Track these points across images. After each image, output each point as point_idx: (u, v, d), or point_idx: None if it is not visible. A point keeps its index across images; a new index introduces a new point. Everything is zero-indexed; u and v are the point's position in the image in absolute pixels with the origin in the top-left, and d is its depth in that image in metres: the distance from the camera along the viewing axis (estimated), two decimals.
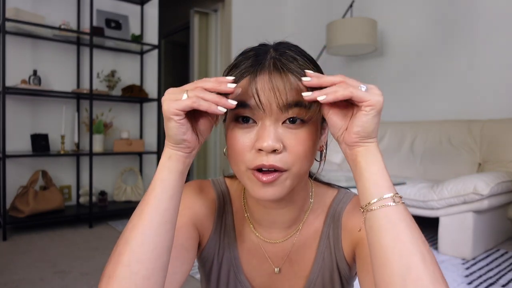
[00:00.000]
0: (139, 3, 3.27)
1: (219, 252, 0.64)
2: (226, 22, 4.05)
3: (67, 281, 1.77)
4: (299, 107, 0.49)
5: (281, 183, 0.51)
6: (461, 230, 2.11)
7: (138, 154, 3.24)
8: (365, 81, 2.15)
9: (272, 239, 0.62)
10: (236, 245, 0.64)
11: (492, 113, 2.78)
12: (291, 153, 0.50)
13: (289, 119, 0.50)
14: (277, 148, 0.48)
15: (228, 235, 0.64)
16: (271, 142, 0.48)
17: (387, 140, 3.20)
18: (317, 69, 0.54)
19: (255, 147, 0.49)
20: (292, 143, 0.50)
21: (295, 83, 0.49)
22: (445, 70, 3.08)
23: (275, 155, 0.49)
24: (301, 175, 0.53)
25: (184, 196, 0.61)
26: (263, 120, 0.50)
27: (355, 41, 3.10)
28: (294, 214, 0.61)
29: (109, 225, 2.81)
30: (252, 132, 0.51)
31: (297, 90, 0.49)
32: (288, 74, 0.50)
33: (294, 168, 0.50)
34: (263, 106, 0.49)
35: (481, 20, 2.87)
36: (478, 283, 1.76)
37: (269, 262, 0.63)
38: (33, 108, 2.83)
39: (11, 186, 2.66)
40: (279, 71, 0.50)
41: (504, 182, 2.16)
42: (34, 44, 2.82)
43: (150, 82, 3.39)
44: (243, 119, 0.51)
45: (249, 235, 0.63)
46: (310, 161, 0.53)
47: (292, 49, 0.54)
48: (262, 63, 0.51)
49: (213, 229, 0.64)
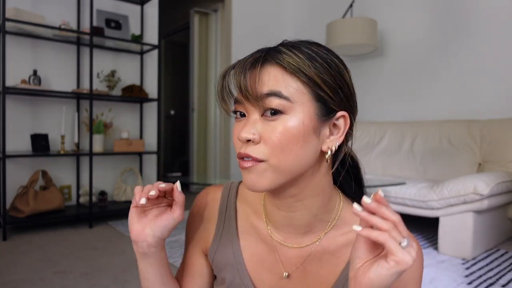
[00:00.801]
0: (139, 3, 3.27)
1: (222, 255, 0.65)
2: (226, 22, 4.05)
3: (67, 281, 1.77)
4: (273, 97, 0.50)
5: (259, 173, 0.52)
6: (461, 230, 2.11)
7: (138, 154, 3.24)
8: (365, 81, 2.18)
9: (288, 242, 0.61)
10: (239, 248, 0.64)
11: (492, 113, 2.78)
12: (267, 144, 0.51)
13: (270, 111, 0.50)
14: (250, 139, 0.51)
15: (230, 238, 0.65)
16: (243, 133, 0.51)
17: (387, 140, 3.20)
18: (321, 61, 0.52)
19: (237, 137, 0.53)
20: (267, 134, 0.51)
21: (273, 72, 0.51)
22: (445, 70, 3.08)
23: (252, 146, 0.51)
24: (283, 171, 0.52)
25: (188, 221, 0.71)
26: (248, 113, 0.53)
27: (355, 41, 3.11)
28: (306, 221, 0.59)
29: (109, 225, 2.81)
30: (242, 123, 0.54)
31: (274, 80, 0.50)
32: (264, 65, 0.52)
33: (272, 160, 0.51)
34: (239, 100, 0.53)
35: (481, 20, 2.87)
36: (478, 283, 1.76)
37: (280, 265, 0.62)
38: (33, 108, 2.83)
39: (11, 186, 2.66)
40: (252, 64, 0.51)
41: (504, 182, 2.16)
42: (34, 44, 2.82)
43: (150, 82, 3.39)
44: (239, 113, 0.55)
45: (264, 236, 0.63)
46: (291, 155, 0.51)
47: (290, 45, 0.54)
48: (245, 60, 0.53)
49: (214, 234, 0.67)
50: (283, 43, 0.55)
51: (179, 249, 2.25)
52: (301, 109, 0.51)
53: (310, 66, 0.51)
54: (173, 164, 5.67)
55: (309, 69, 0.51)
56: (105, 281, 1.78)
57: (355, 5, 3.52)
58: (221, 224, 0.66)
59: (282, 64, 0.51)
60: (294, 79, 0.51)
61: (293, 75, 0.51)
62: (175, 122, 5.65)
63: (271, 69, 0.51)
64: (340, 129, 0.55)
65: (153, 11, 3.40)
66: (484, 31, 2.85)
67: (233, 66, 0.53)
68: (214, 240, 0.66)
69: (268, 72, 0.51)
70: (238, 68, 0.52)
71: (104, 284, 1.75)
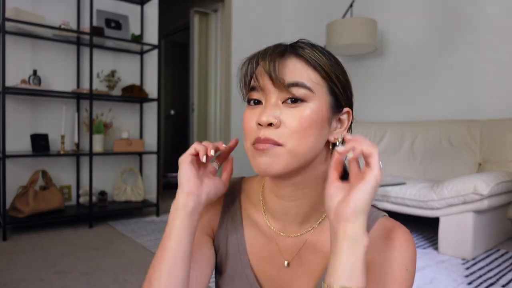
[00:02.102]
0: (139, 3, 3.27)
1: (226, 245, 0.67)
2: (226, 22, 4.05)
3: (67, 281, 1.77)
4: (298, 87, 0.54)
5: (274, 156, 0.54)
6: (461, 230, 2.11)
7: (138, 154, 3.24)
8: (365, 81, 2.18)
9: (286, 232, 0.64)
10: (243, 238, 0.66)
11: (492, 113, 2.78)
12: (287, 128, 0.54)
13: (290, 98, 0.55)
14: (272, 122, 0.53)
15: (234, 229, 0.67)
16: (266, 117, 0.53)
17: (387, 140, 3.20)
18: (333, 61, 0.59)
19: (256, 122, 0.55)
20: (288, 119, 0.54)
21: (298, 65, 0.55)
22: (445, 70, 3.08)
23: (272, 130, 0.54)
24: (298, 155, 0.55)
25: None
26: (266, 99, 0.56)
27: (355, 41, 3.11)
28: (305, 210, 0.62)
29: (109, 225, 2.81)
30: (258, 111, 0.56)
31: (298, 71, 0.55)
32: (289, 57, 0.56)
33: (289, 144, 0.54)
34: (261, 87, 0.56)
35: (481, 20, 2.87)
36: (478, 283, 1.76)
37: (280, 255, 0.64)
38: (33, 108, 2.83)
39: (11, 186, 2.66)
40: (280, 54, 0.56)
41: (504, 182, 2.16)
42: (34, 44, 2.82)
43: (150, 82, 3.39)
44: (253, 101, 0.58)
45: (263, 228, 0.66)
46: (308, 141, 0.55)
47: (307, 42, 0.59)
48: (267, 50, 0.57)
49: (219, 225, 0.68)
50: (300, 40, 0.60)
51: None
52: (319, 99, 0.56)
53: (327, 63, 0.57)
54: (173, 164, 5.67)
55: (327, 66, 0.57)
56: (105, 281, 1.78)
57: (355, 5, 3.52)
58: (227, 215, 0.68)
59: (305, 58, 0.56)
60: (315, 72, 0.56)
61: (314, 69, 0.56)
62: (175, 122, 5.65)
63: (296, 61, 0.56)
64: (344, 124, 0.60)
65: (153, 11, 3.40)
66: (484, 31, 2.85)
67: (257, 54, 0.58)
68: (219, 230, 0.68)
69: (294, 63, 0.55)
70: (268, 56, 0.55)
71: (104, 284, 1.75)
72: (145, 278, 0.57)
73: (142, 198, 3.23)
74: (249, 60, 0.59)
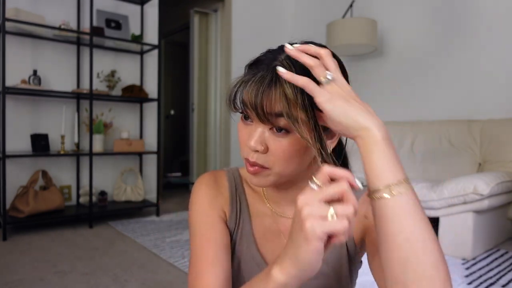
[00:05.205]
0: (139, 3, 3.27)
1: (236, 230, 0.68)
2: (226, 22, 4.05)
3: (67, 281, 1.77)
4: (281, 117, 0.53)
5: (263, 177, 0.58)
6: (461, 230, 2.11)
7: (138, 154, 3.24)
8: (365, 81, 2.18)
9: (286, 213, 0.67)
10: (250, 222, 0.69)
11: (492, 113, 2.78)
12: (273, 156, 0.56)
13: (275, 127, 0.55)
14: (258, 150, 0.55)
15: (243, 213, 0.69)
16: (253, 144, 0.55)
17: None
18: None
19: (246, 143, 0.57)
20: (273, 147, 0.55)
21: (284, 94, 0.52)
22: (445, 70, 3.08)
23: (259, 154, 0.56)
24: (286, 174, 0.58)
25: (205, 194, 0.67)
26: (255, 122, 0.56)
27: (355, 41, 3.11)
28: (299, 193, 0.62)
29: (109, 225, 2.81)
30: (248, 130, 0.58)
31: (286, 101, 0.52)
32: (278, 85, 0.53)
33: (276, 168, 0.56)
34: (248, 115, 0.57)
35: (481, 20, 2.87)
36: (478, 283, 1.76)
37: (282, 236, 0.67)
38: (33, 108, 2.83)
39: (11, 186, 2.66)
40: (263, 85, 0.53)
41: (504, 182, 2.16)
42: (34, 44, 2.82)
43: (150, 82, 3.39)
44: (245, 116, 0.59)
45: (265, 211, 0.69)
46: (293, 165, 0.57)
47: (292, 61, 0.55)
48: (258, 73, 0.54)
49: (230, 210, 0.69)
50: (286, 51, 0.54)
51: (180, 249, 2.25)
52: (305, 126, 0.53)
53: None
54: (173, 164, 5.67)
55: None
56: (105, 281, 1.78)
57: (355, 5, 3.52)
58: (234, 200, 0.69)
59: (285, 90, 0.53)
60: None
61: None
62: (175, 122, 5.65)
63: (280, 89, 0.53)
64: (334, 135, 0.59)
65: (153, 11, 3.40)
66: (484, 31, 2.85)
67: (242, 81, 0.56)
68: (230, 214, 0.68)
69: (278, 93, 0.53)
70: (250, 86, 0.54)
71: (104, 284, 1.75)
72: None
73: (142, 198, 3.24)
74: (236, 87, 0.56)
